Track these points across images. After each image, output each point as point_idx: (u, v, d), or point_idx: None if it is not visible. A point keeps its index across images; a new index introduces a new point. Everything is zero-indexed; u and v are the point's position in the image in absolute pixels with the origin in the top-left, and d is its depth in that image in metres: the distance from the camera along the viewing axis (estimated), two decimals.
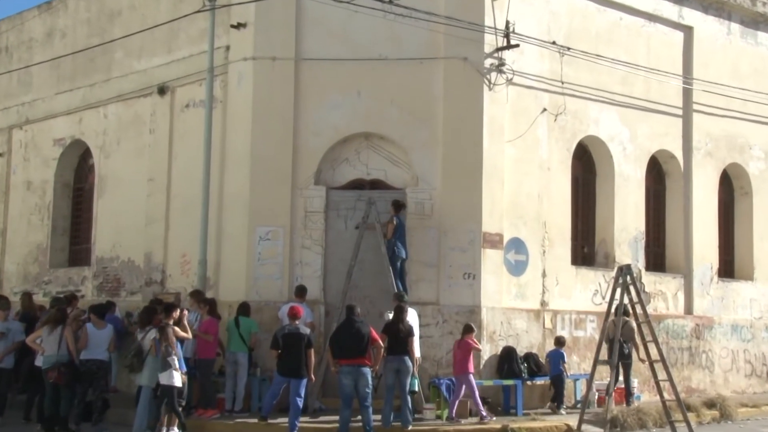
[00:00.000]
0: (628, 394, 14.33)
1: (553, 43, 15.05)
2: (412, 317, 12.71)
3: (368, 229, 13.78)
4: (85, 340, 11.93)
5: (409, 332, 12.21)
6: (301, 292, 13.63)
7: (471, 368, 12.97)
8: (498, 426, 12.48)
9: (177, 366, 11.33)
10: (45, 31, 18.20)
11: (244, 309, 13.41)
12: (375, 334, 11.85)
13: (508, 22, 14.16)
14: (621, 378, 14.24)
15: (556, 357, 14.18)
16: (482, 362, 13.90)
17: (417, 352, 12.61)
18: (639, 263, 16.13)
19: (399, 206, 13.82)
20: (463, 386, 12.87)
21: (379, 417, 12.07)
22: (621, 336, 13.64)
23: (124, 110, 16.48)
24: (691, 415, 13.25)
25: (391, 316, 12.39)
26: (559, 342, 14.39)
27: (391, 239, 13.61)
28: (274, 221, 14.03)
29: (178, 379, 11.33)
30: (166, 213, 15.45)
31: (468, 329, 13.16)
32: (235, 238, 14.31)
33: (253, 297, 13.88)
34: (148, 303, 13.64)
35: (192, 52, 15.26)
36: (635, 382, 14.99)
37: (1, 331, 13.13)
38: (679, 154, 17.03)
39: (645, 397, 15.13)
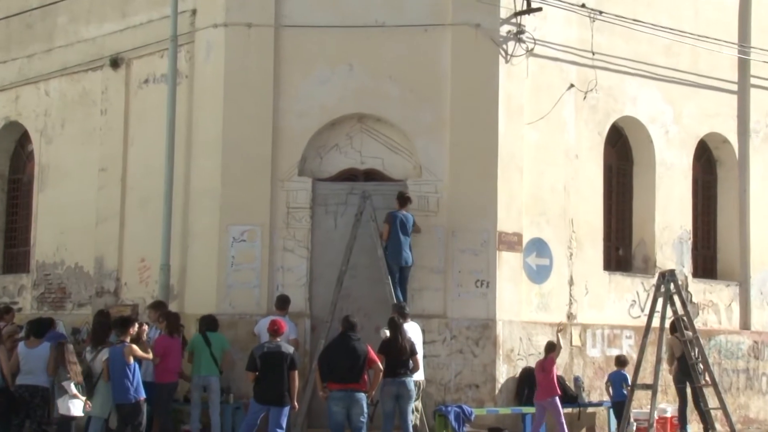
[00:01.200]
0: (683, 423, 14.58)
1: (583, 5, 15.24)
2: (413, 332, 12.92)
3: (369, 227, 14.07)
4: (15, 362, 12.02)
5: (412, 350, 12.41)
6: (283, 303, 13.82)
7: (558, 390, 13.41)
8: None
9: (75, 391, 11.43)
10: None
11: (210, 323, 13.48)
12: (373, 354, 11.97)
13: None
14: (660, 405, 14.64)
15: (619, 379, 14.44)
16: (498, 386, 14.22)
17: (420, 375, 12.93)
18: (685, 268, 16.50)
19: (405, 200, 14.00)
20: (543, 415, 13.25)
21: None
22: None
23: (70, 86, 16.66)
24: None
25: (388, 332, 12.52)
26: (621, 362, 14.70)
27: (396, 240, 13.85)
28: (250, 219, 14.23)
29: (78, 408, 11.46)
30: (120, 209, 15.70)
31: (551, 347, 13.52)
32: (204, 240, 14.53)
33: (226, 309, 14.10)
34: (98, 317, 13.78)
35: (151, 17, 15.43)
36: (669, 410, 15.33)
37: None
38: (733, 138, 17.31)
39: (693, 428, 15.33)
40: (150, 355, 12.46)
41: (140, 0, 15.62)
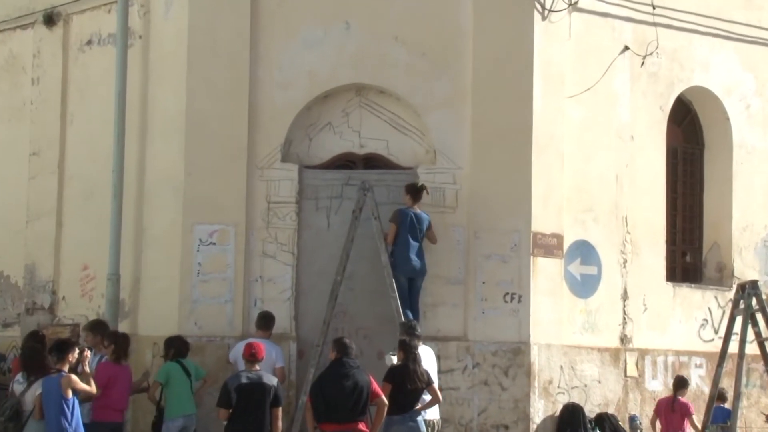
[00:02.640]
0: None
1: None
2: (426, 359, 12.97)
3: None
4: None
5: (427, 379, 12.49)
6: (265, 322, 13.86)
7: None
8: None
9: None
10: None
11: (182, 347, 13.53)
12: (376, 386, 12.01)
13: None
14: None
15: (721, 416, 14.65)
16: (533, 427, 14.24)
17: (435, 412, 12.99)
18: None
19: (418, 193, 14.14)
20: None
21: None
22: None
23: None
24: None
25: (395, 358, 12.68)
26: (722, 397, 14.87)
27: (405, 244, 14.01)
28: (221, 216, 14.35)
29: None
30: (57, 204, 15.83)
31: (681, 383, 13.75)
32: (163, 243, 14.64)
33: (190, 330, 14.13)
34: (30, 340, 13.83)
35: None
36: None
37: None
38: None
39: None
40: (93, 388, 12.39)
41: None
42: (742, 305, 13.56)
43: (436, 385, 12.88)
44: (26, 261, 16.08)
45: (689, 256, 16.73)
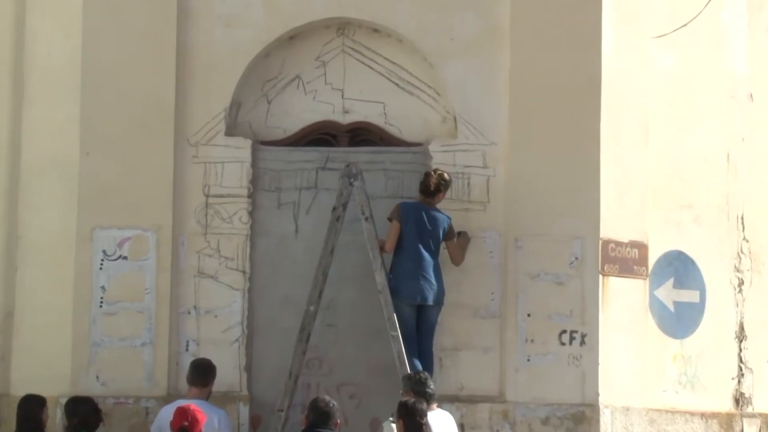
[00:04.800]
0: None
1: None
2: (443, 428, 12.99)
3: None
4: None
5: None
6: (200, 375, 13.79)
7: None
8: None
9: None
10: None
11: (90, 415, 13.04)
12: None
13: None
14: None
15: None
16: None
17: None
18: None
19: (434, 183, 14.25)
20: None
21: None
22: None
23: None
24: None
25: (395, 428, 12.48)
26: None
27: (410, 257, 14.10)
28: (135, 217, 14.50)
29: None
30: None
31: None
32: (48, 256, 14.74)
33: (89, 386, 14.24)
34: None
35: None
36: None
37: None
38: None
39: None
40: None
41: None
42: None
43: None
44: None
45: None
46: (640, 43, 14.95)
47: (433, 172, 14.26)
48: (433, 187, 14.19)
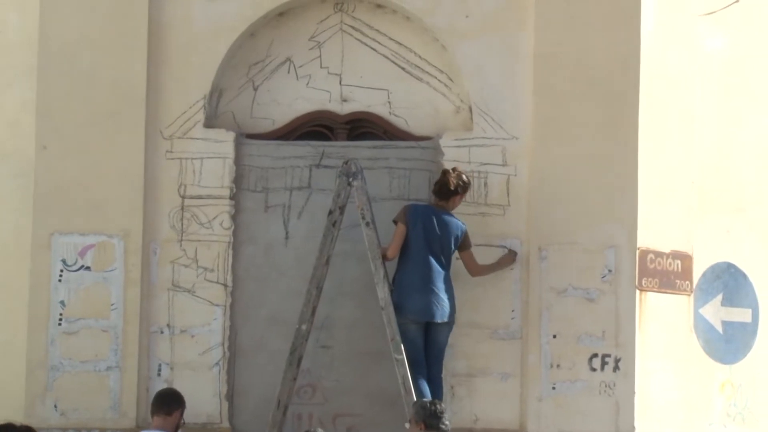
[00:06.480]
0: None
1: None
2: None
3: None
4: None
5: None
6: (165, 402, 13.08)
7: None
8: None
9: None
10: None
11: None
12: None
13: None
14: None
15: None
16: None
17: None
18: None
19: (451, 184, 13.79)
20: None
21: None
22: None
23: None
24: None
25: None
26: None
27: (417, 268, 13.72)
28: (99, 221, 14.09)
29: None
30: None
31: None
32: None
33: (47, 417, 13.94)
34: None
35: None
36: None
37: None
38: None
39: None
40: None
41: None
42: None
43: None
44: None
45: None
46: (685, 22, 14.58)
47: (451, 170, 13.84)
48: (453, 186, 13.75)
